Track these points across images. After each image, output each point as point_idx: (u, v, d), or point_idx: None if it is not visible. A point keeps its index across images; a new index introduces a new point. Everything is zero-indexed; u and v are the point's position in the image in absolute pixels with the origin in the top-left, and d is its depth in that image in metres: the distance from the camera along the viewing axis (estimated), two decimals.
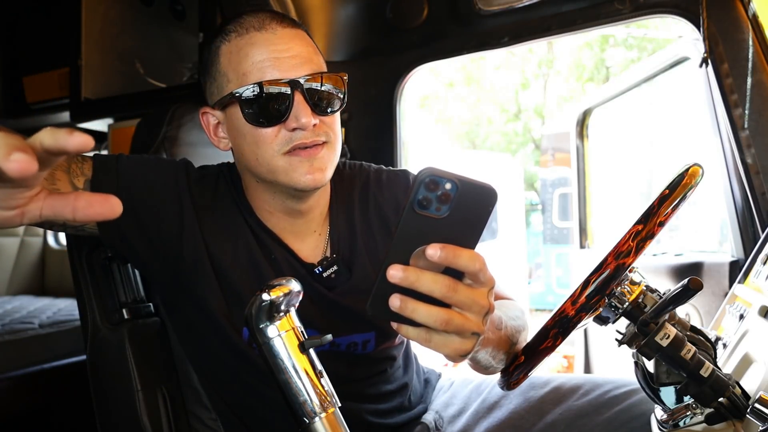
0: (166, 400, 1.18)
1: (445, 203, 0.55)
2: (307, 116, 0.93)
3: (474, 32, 1.62)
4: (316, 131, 0.95)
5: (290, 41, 0.96)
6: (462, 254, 0.56)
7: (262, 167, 0.98)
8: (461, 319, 0.59)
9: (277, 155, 0.96)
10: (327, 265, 1.06)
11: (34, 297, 3.16)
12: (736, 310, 1.06)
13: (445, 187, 0.54)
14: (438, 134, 13.49)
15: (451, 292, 0.57)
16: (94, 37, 1.83)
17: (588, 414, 1.10)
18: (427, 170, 0.54)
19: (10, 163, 0.44)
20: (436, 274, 0.57)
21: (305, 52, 0.97)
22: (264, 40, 0.95)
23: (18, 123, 2.23)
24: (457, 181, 0.54)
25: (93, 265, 1.19)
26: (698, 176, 0.75)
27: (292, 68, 0.94)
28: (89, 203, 0.50)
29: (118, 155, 1.03)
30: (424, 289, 0.57)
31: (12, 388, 2.12)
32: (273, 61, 0.94)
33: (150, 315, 1.24)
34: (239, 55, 0.96)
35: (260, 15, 0.98)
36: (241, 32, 0.97)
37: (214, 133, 1.05)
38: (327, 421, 0.68)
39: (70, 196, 0.51)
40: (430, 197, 0.55)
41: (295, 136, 0.94)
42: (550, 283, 8.59)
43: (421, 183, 0.54)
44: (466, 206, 0.56)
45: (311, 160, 0.95)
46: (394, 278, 0.56)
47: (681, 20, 1.38)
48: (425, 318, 0.58)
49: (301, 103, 0.93)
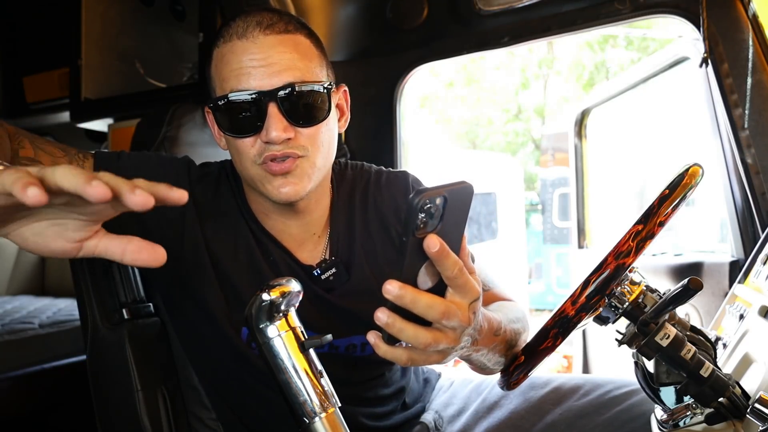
0: (166, 400, 1.18)
1: (438, 217, 0.57)
2: (278, 130, 0.90)
3: (474, 32, 1.62)
4: (291, 144, 0.93)
5: (270, 49, 0.92)
6: (449, 256, 0.59)
7: (243, 173, 0.98)
8: (446, 340, 0.63)
9: (254, 165, 0.95)
10: (326, 267, 1.06)
11: (34, 297, 3.16)
12: (736, 310, 1.06)
13: (436, 203, 0.56)
14: (438, 134, 13.49)
15: (445, 319, 0.61)
16: (94, 37, 1.83)
17: (588, 414, 1.10)
18: (417, 196, 0.55)
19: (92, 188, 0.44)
20: (434, 299, 0.60)
21: (286, 60, 0.92)
22: (242, 49, 0.93)
23: (18, 123, 2.23)
24: (444, 193, 0.56)
25: (93, 265, 1.18)
26: (698, 176, 0.75)
27: (266, 77, 0.91)
28: (139, 249, 0.53)
29: (119, 152, 1.03)
30: (418, 310, 0.59)
31: (12, 388, 2.12)
32: (248, 69, 0.91)
33: (150, 315, 1.24)
34: (222, 61, 0.95)
35: (249, 20, 0.95)
36: (227, 38, 0.95)
37: (217, 132, 1.05)
38: (327, 421, 0.68)
39: (124, 239, 0.54)
40: (425, 219, 0.56)
41: (269, 147, 0.92)
42: (550, 283, 8.59)
43: (416, 209, 0.55)
44: (454, 210, 0.58)
45: (284, 174, 0.94)
46: (389, 294, 0.57)
47: (681, 20, 1.38)
48: (412, 339, 0.61)
49: (274, 116, 0.90)
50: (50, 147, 0.94)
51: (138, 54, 1.90)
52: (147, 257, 0.53)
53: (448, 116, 13.53)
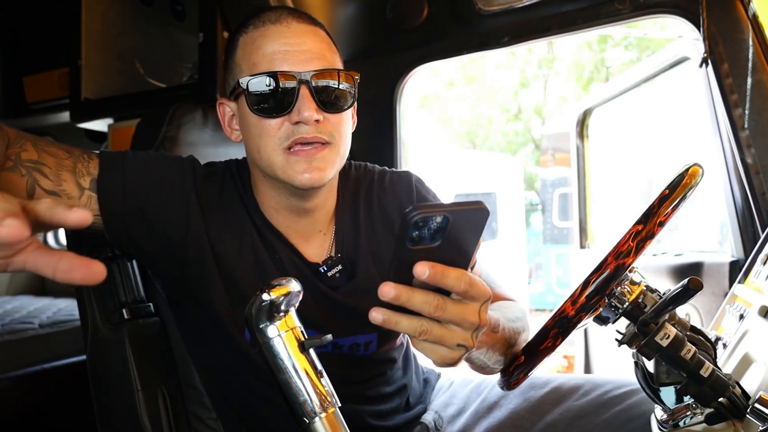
0: (166, 400, 1.18)
1: (438, 234, 0.55)
2: (310, 110, 0.93)
3: (474, 32, 1.62)
4: (319, 128, 0.95)
5: (303, 36, 0.97)
6: (449, 274, 0.58)
7: (263, 161, 0.98)
8: (441, 331, 0.62)
9: (277, 149, 0.96)
10: (331, 265, 1.06)
11: (34, 297, 3.16)
12: (736, 310, 1.06)
13: (436, 221, 0.54)
14: (438, 134, 13.49)
15: (439, 312, 0.61)
16: (94, 37, 1.83)
17: (588, 414, 1.10)
18: (414, 211, 0.53)
19: (2, 228, 0.45)
20: (427, 294, 0.60)
21: (317, 48, 0.97)
22: (277, 33, 0.96)
23: (18, 123, 2.23)
24: (447, 213, 0.54)
25: None
26: (698, 176, 0.75)
27: (300, 62, 0.95)
28: (71, 267, 0.49)
29: (124, 152, 1.03)
30: (415, 307, 0.60)
31: (12, 388, 2.12)
32: (283, 53, 0.95)
33: (150, 315, 1.24)
34: (253, 46, 0.97)
35: (279, 10, 1.00)
36: (258, 24, 0.98)
37: (228, 125, 1.06)
38: (327, 421, 0.68)
39: (55, 256, 0.51)
40: (422, 234, 0.55)
41: (298, 129, 0.94)
42: (550, 283, 8.59)
43: (410, 224, 0.54)
44: (460, 230, 0.56)
45: (309, 159, 0.95)
46: (385, 297, 0.58)
47: (681, 20, 1.38)
48: (407, 328, 0.61)
49: (306, 98, 0.93)
50: (54, 149, 0.93)
51: (138, 54, 1.90)
52: (80, 276, 0.49)
53: (448, 116, 13.53)
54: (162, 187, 1.01)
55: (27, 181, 0.88)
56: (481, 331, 0.66)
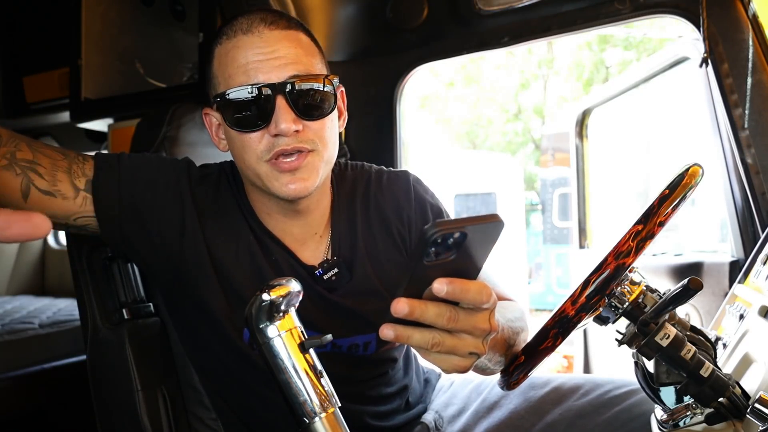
0: (166, 400, 1.18)
1: (454, 248, 0.55)
2: (287, 122, 0.91)
3: (474, 32, 1.62)
4: (300, 138, 0.93)
5: (276, 43, 0.94)
6: (470, 288, 0.58)
7: (249, 171, 0.97)
8: (453, 341, 0.62)
9: (260, 161, 0.95)
10: (328, 267, 1.06)
11: (34, 297, 3.16)
12: (736, 310, 1.06)
13: (454, 236, 0.54)
14: (438, 134, 13.49)
15: (452, 323, 0.60)
16: (94, 37, 1.83)
17: (588, 414, 1.10)
18: (433, 228, 0.52)
19: None
20: (440, 306, 0.60)
21: (292, 54, 0.94)
22: (248, 43, 0.93)
23: (18, 123, 2.23)
24: (465, 229, 0.54)
25: (93, 265, 1.18)
26: (698, 176, 0.75)
27: (274, 70, 0.92)
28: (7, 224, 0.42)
29: (119, 154, 1.02)
30: (428, 321, 0.59)
31: (12, 388, 2.12)
32: (255, 63, 0.92)
33: (150, 315, 1.24)
34: (226, 57, 0.95)
35: (252, 17, 0.96)
36: (230, 35, 0.96)
37: (215, 134, 1.05)
38: (327, 421, 0.68)
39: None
40: (438, 250, 0.54)
41: (278, 142, 0.92)
42: (550, 283, 8.59)
43: (429, 241, 0.53)
44: (475, 244, 0.56)
45: (293, 171, 0.94)
46: (399, 313, 0.57)
47: (681, 20, 1.38)
48: (420, 342, 0.61)
49: (283, 108, 0.91)
50: (49, 150, 0.93)
51: (138, 54, 1.90)
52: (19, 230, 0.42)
53: (448, 116, 13.52)
54: (157, 188, 1.01)
55: (22, 181, 0.87)
56: (491, 337, 0.66)
